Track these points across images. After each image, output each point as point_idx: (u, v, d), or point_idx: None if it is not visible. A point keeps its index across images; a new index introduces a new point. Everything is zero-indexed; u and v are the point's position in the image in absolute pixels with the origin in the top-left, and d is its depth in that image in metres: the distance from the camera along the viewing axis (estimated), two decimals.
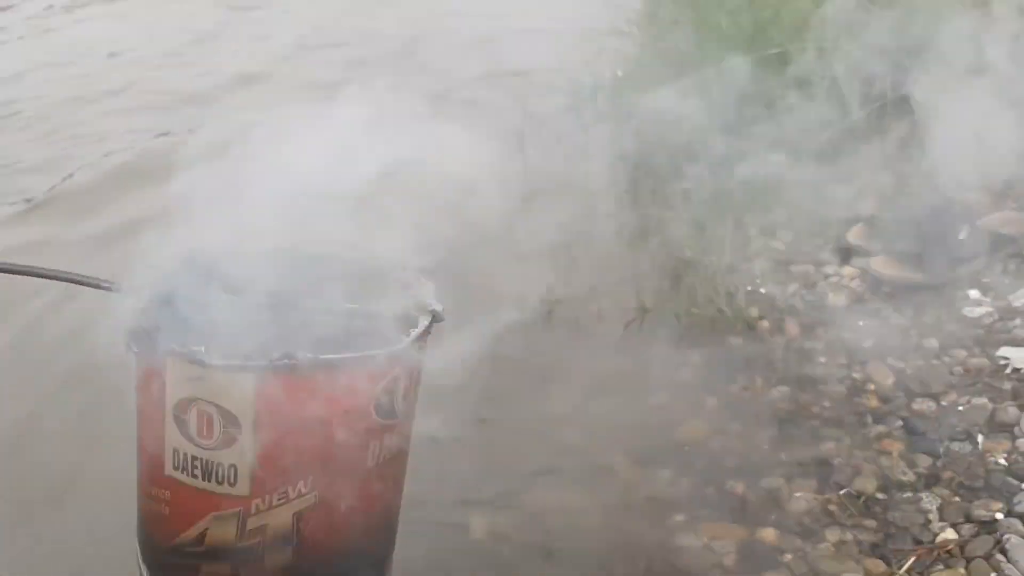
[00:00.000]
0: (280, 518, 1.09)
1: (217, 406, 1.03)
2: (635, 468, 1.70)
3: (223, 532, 1.10)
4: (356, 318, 1.13)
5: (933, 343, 1.86)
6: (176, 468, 1.08)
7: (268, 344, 1.05)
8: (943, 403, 1.72)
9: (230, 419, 1.04)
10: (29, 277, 0.95)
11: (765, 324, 2.02)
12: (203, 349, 1.02)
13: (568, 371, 1.99)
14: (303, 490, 1.08)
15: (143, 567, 1.22)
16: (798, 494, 1.57)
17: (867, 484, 1.58)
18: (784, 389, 1.82)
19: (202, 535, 1.10)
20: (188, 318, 1.06)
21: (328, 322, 1.12)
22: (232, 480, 1.07)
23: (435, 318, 1.14)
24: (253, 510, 1.09)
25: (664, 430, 1.76)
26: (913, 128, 2.45)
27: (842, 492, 1.57)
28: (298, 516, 1.10)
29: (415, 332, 1.12)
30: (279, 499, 1.08)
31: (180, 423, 1.06)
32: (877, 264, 2.08)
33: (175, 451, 1.08)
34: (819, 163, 2.46)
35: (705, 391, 1.85)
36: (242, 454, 1.05)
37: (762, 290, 2.13)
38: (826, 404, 1.77)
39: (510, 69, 3.67)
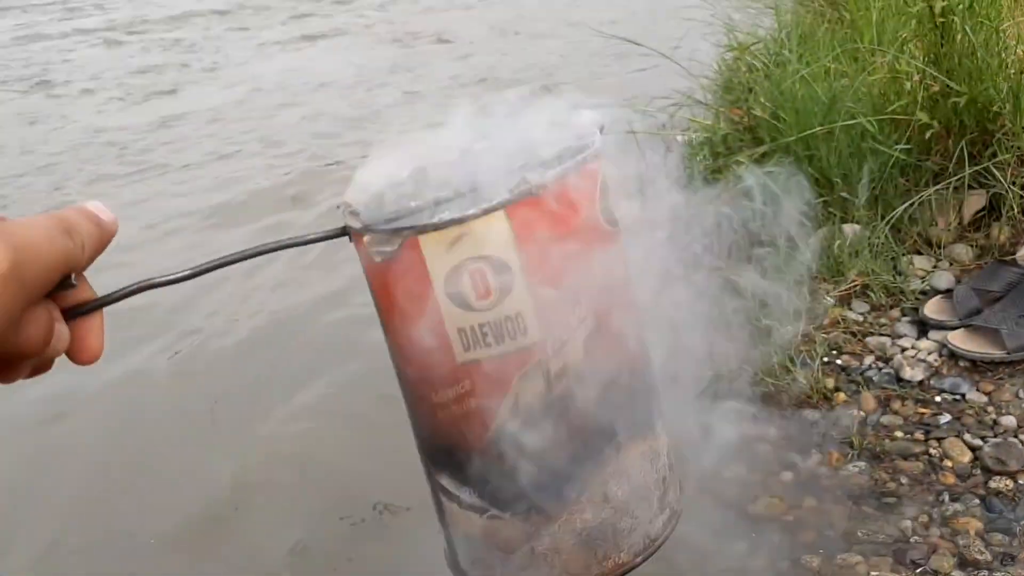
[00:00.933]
0: (574, 352, 1.03)
1: (485, 258, 0.99)
2: (710, 539, 1.74)
3: (533, 389, 1.03)
4: (535, 144, 1.13)
5: (1011, 420, 1.87)
6: (468, 349, 1.02)
7: (475, 184, 1.06)
8: (1020, 481, 1.73)
9: (500, 266, 0.99)
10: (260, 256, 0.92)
11: (841, 396, 2.04)
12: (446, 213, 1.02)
13: None
14: (582, 314, 1.02)
15: (452, 488, 1.10)
16: (874, 573, 1.59)
17: (943, 562, 1.59)
18: (860, 464, 1.84)
19: (515, 405, 1.03)
20: (394, 198, 1.06)
21: (515, 150, 1.11)
22: (523, 329, 1.01)
23: (602, 127, 1.15)
24: (551, 352, 1.02)
25: (739, 502, 1.80)
26: (989, 199, 2.46)
27: (918, 571, 1.59)
28: (587, 346, 1.03)
29: (599, 136, 1.11)
30: (567, 332, 1.02)
31: (455, 297, 1.01)
32: (954, 338, 2.09)
33: (460, 331, 1.02)
34: (895, 233, 2.49)
35: (780, 464, 1.88)
36: (522, 297, 1.00)
37: (838, 361, 2.15)
38: (903, 480, 1.78)
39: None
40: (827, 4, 4.30)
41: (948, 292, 2.26)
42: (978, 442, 1.83)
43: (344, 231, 1.06)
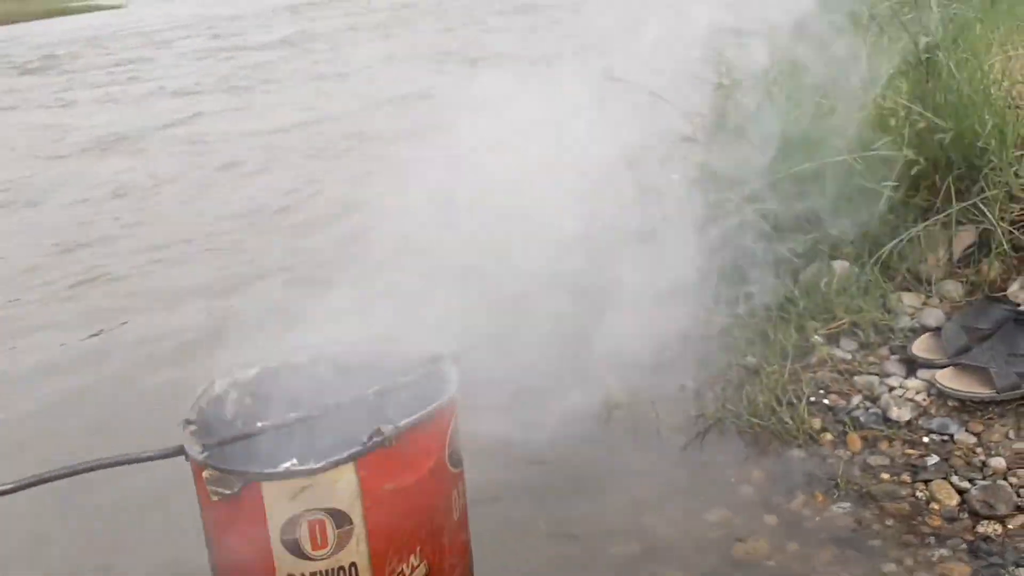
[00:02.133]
0: None
1: (326, 510, 1.01)
2: None
3: None
4: (390, 390, 1.13)
5: (1000, 462, 1.82)
6: None
7: (327, 439, 1.04)
8: (1009, 526, 1.68)
9: (341, 518, 1.02)
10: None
11: (828, 437, 2.00)
12: (295, 460, 1.02)
13: (625, 480, 2.00)
14: (415, 563, 1.07)
15: None
16: None
17: None
18: (845, 506, 1.80)
19: None
20: (245, 442, 1.07)
21: (367, 403, 1.12)
22: None
23: (457, 360, 1.16)
24: None
25: (722, 546, 1.76)
26: (979, 235, 2.44)
27: None
28: None
29: (454, 375, 1.13)
30: None
31: (290, 545, 1.02)
32: (943, 377, 2.05)
33: None
34: (884, 270, 2.46)
35: (764, 507, 1.84)
36: (359, 548, 1.03)
37: (825, 401, 2.11)
38: (888, 523, 1.74)
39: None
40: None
41: (938, 330, 2.23)
42: (966, 484, 1.79)
43: (182, 451, 1.09)
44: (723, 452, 2.04)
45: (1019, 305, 2.22)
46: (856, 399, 2.09)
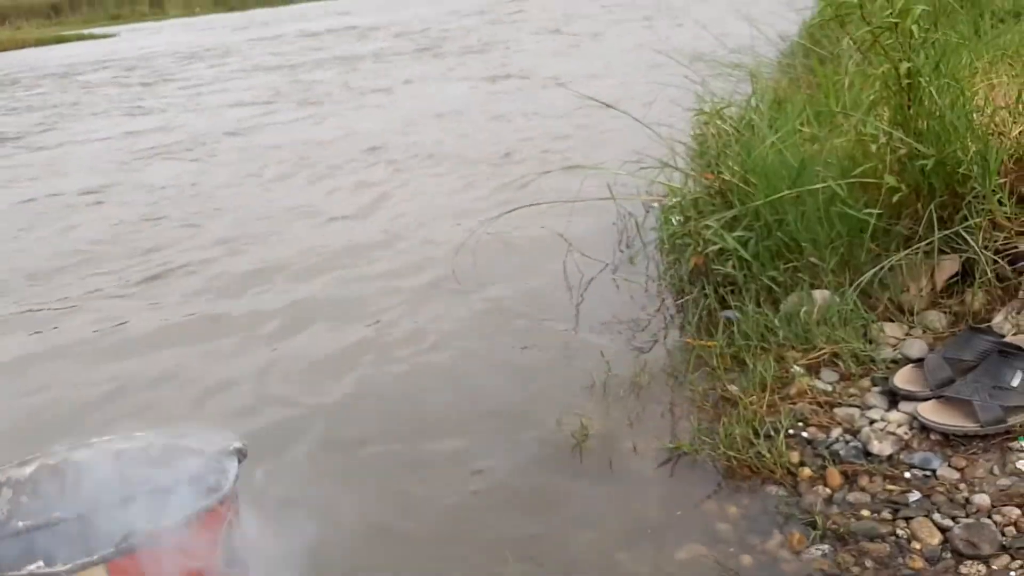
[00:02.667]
0: None
1: None
2: None
3: None
4: (166, 490, 1.09)
5: (984, 499, 1.75)
6: None
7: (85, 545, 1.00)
8: (994, 567, 1.60)
9: None
10: None
11: (806, 471, 1.93)
12: (41, 563, 0.96)
13: (597, 514, 1.92)
14: None
15: None
16: None
17: None
18: (823, 547, 1.71)
19: None
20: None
21: (140, 504, 1.07)
22: None
23: (242, 454, 1.11)
24: None
25: None
26: (963, 264, 2.38)
27: None
28: None
29: (232, 472, 1.08)
30: None
31: None
32: (925, 410, 1.98)
33: None
34: (866, 300, 2.40)
35: (739, 546, 1.75)
36: None
37: (804, 434, 2.04)
38: (867, 564, 1.66)
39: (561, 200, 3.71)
40: (805, 70, 4.29)
41: (920, 361, 2.16)
42: (948, 522, 1.71)
43: None
44: (698, 486, 1.96)
45: (1003, 336, 2.16)
46: (836, 432, 2.02)
